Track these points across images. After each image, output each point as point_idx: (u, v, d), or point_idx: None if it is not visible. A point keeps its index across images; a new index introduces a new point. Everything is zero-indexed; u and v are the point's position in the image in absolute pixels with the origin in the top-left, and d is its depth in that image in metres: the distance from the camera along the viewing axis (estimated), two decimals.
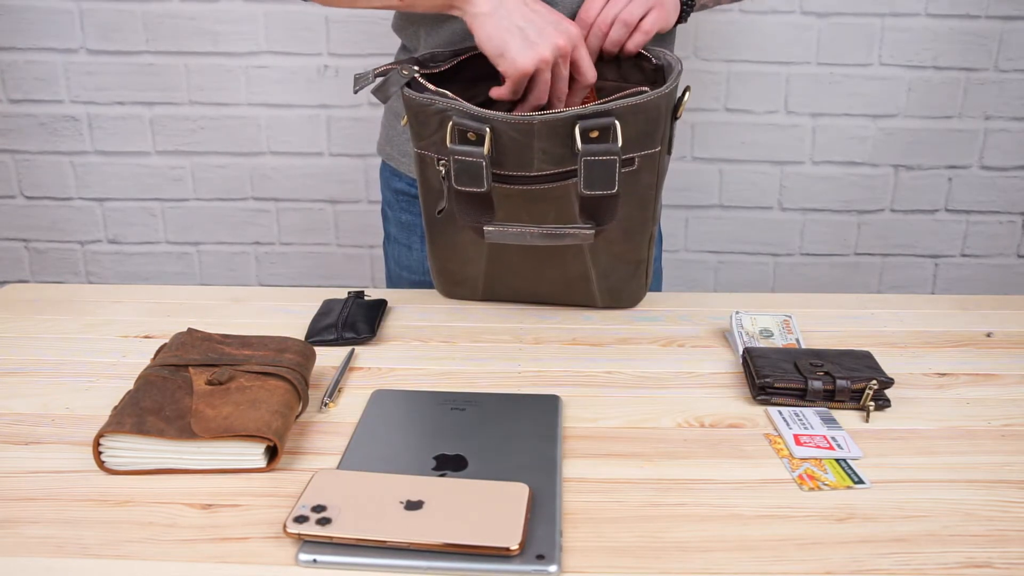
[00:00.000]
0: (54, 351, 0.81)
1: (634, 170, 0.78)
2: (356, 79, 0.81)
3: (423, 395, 0.71)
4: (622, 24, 0.84)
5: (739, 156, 1.80)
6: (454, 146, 0.76)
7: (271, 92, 1.77)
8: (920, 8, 1.69)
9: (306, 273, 1.92)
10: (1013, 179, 1.82)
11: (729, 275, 1.91)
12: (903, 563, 0.51)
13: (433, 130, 0.78)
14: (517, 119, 0.74)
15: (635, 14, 0.84)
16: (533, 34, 0.79)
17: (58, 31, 1.73)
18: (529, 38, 0.79)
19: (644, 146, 0.77)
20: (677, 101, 0.79)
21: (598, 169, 0.75)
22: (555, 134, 0.74)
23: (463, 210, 0.80)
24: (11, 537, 0.53)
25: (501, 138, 0.75)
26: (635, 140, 0.76)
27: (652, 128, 0.76)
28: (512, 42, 0.79)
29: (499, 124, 0.74)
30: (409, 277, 1.06)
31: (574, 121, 0.73)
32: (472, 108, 0.75)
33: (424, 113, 0.77)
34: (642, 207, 0.81)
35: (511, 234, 0.78)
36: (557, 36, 0.79)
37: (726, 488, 0.59)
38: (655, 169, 0.79)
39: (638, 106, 0.74)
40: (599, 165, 0.75)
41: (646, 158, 0.78)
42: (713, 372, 0.78)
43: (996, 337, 0.86)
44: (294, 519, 0.52)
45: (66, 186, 1.86)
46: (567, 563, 0.51)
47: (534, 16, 0.79)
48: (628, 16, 0.84)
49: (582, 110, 0.73)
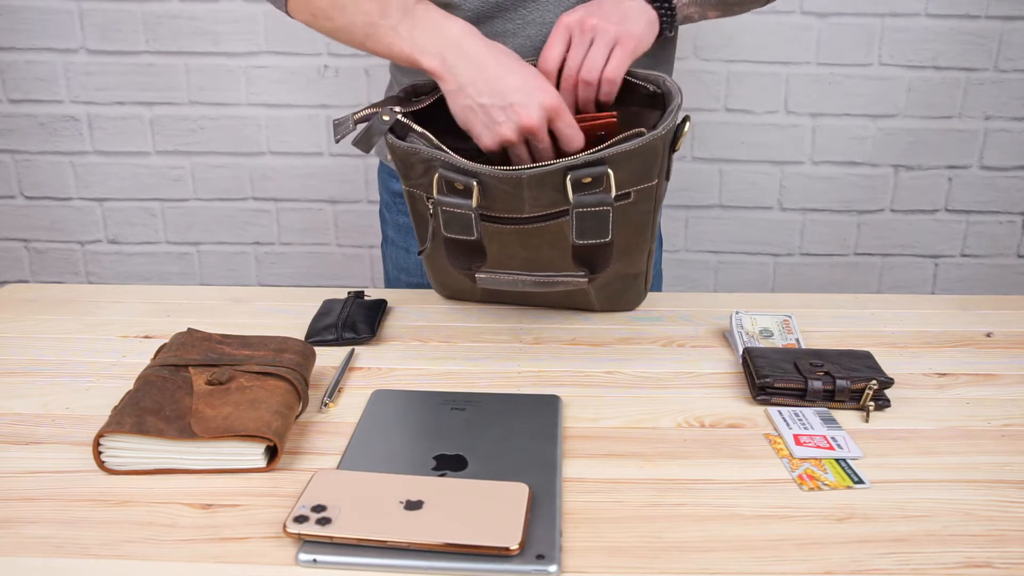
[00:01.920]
0: (54, 351, 0.81)
1: (630, 202, 0.75)
2: (335, 127, 0.78)
3: (423, 395, 0.71)
4: (584, 85, 0.79)
5: (739, 156, 1.80)
6: (441, 197, 0.73)
7: (271, 92, 1.77)
8: (920, 8, 1.69)
9: (306, 273, 1.92)
10: (1013, 179, 1.82)
11: (729, 275, 1.91)
12: (903, 563, 0.51)
13: (420, 174, 0.75)
14: (504, 174, 0.70)
15: (596, 65, 0.78)
16: (497, 113, 0.74)
17: (58, 31, 1.73)
18: (493, 118, 0.74)
19: (640, 181, 0.74)
20: (676, 133, 0.75)
21: (590, 219, 0.72)
22: (545, 184, 0.71)
23: (453, 256, 0.77)
24: (11, 537, 0.53)
25: (490, 188, 0.72)
26: (631, 178, 0.73)
27: (649, 166, 0.73)
28: (476, 122, 0.75)
29: (486, 177, 0.71)
30: (407, 280, 1.06)
31: (565, 172, 0.70)
32: (458, 161, 0.72)
33: (409, 160, 0.75)
34: (640, 231, 0.79)
35: (504, 281, 0.76)
36: (524, 114, 0.73)
37: (726, 488, 0.59)
38: (652, 198, 0.76)
39: (634, 150, 0.71)
40: (591, 216, 0.72)
41: (642, 190, 0.74)
42: (713, 372, 0.78)
43: (996, 337, 0.86)
44: (294, 519, 0.52)
45: (66, 186, 1.86)
46: (567, 563, 0.51)
47: (501, 90, 0.73)
48: (588, 74, 0.78)
49: (572, 161, 0.70)
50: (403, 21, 0.77)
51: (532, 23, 0.86)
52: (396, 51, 0.78)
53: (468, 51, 0.75)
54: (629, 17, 0.80)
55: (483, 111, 0.74)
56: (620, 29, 0.78)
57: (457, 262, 0.77)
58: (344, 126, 0.77)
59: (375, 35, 0.79)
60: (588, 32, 0.78)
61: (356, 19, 0.79)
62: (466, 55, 0.75)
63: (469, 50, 0.75)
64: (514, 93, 0.73)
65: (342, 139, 0.76)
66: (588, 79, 0.78)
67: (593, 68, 0.78)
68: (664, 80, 0.79)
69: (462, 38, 0.75)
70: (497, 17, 0.86)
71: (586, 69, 0.78)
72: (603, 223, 0.72)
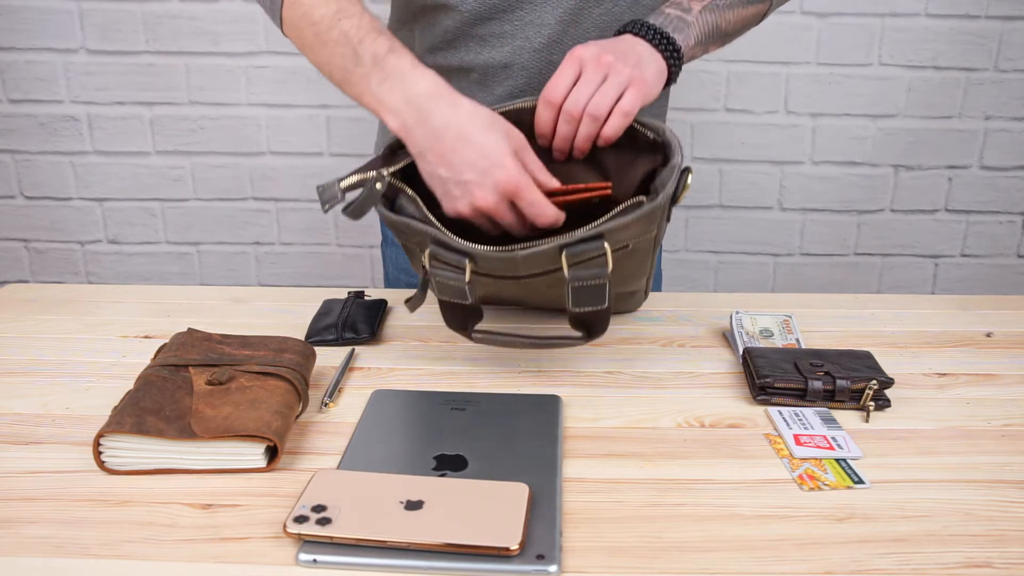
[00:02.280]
0: (54, 351, 0.81)
1: (629, 251, 0.72)
2: (321, 195, 0.73)
3: (423, 395, 0.71)
4: (590, 120, 0.74)
5: (739, 156, 1.80)
6: (434, 270, 0.71)
7: (271, 92, 1.77)
8: (920, 8, 1.69)
9: (306, 273, 1.92)
10: (1013, 179, 1.82)
11: (729, 275, 1.91)
12: (903, 563, 0.51)
13: (414, 238, 0.73)
14: (497, 255, 0.68)
15: (606, 102, 0.74)
16: (453, 188, 0.71)
17: (58, 31, 1.73)
18: (449, 192, 0.71)
19: (640, 235, 0.71)
20: (677, 187, 0.71)
21: (587, 291, 0.70)
22: (540, 259, 0.69)
23: (448, 315, 0.75)
24: (11, 537, 0.53)
25: (483, 261, 0.70)
26: (630, 235, 0.70)
27: (649, 224, 0.70)
28: (436, 190, 0.73)
29: (480, 255, 0.69)
30: (407, 280, 1.05)
31: (560, 248, 0.68)
32: (451, 240, 0.70)
33: (403, 230, 0.73)
34: (639, 267, 0.77)
35: (500, 340, 0.74)
36: (479, 195, 0.70)
37: (726, 488, 0.59)
38: (651, 241, 0.74)
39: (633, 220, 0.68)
40: (588, 288, 0.69)
41: (641, 240, 0.72)
42: (713, 372, 0.78)
43: (996, 337, 0.86)
44: (294, 519, 0.52)
45: (66, 186, 1.86)
46: (567, 563, 0.51)
47: (457, 165, 0.70)
48: (596, 109, 0.74)
49: (568, 239, 0.67)
50: (374, 71, 0.73)
51: (530, 24, 0.86)
52: (366, 102, 0.74)
53: (428, 116, 0.71)
54: (643, 62, 0.77)
55: (441, 183, 0.72)
56: (635, 73, 0.75)
57: (452, 322, 0.75)
58: (330, 192, 0.73)
59: (349, 80, 0.75)
60: (602, 68, 0.75)
61: (334, 60, 0.76)
62: (426, 120, 0.71)
63: (430, 115, 0.71)
64: (468, 170, 0.70)
65: (330, 209, 0.73)
66: (595, 114, 0.74)
67: (602, 104, 0.74)
68: (665, 131, 0.76)
69: (425, 100, 0.71)
70: (495, 19, 0.86)
71: (594, 104, 0.74)
72: (600, 293, 0.70)
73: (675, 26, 0.82)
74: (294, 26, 0.79)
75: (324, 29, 0.75)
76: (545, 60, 0.87)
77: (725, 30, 0.89)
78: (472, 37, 0.87)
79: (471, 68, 0.89)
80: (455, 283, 0.71)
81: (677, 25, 0.82)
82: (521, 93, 0.89)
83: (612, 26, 0.87)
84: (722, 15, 0.88)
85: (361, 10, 0.76)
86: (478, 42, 0.87)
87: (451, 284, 0.72)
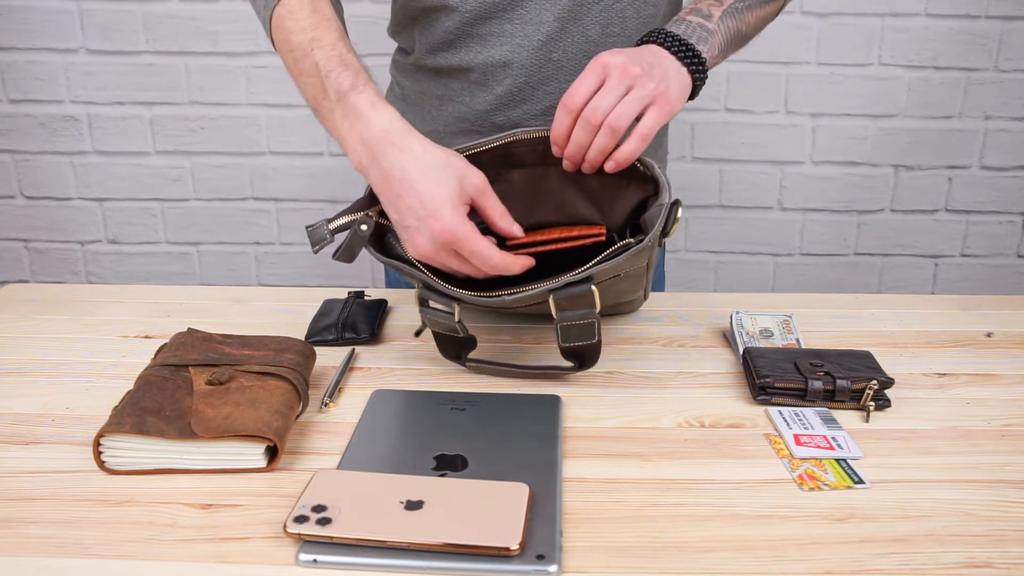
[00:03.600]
0: (54, 351, 0.81)
1: (621, 277, 0.72)
2: (311, 236, 0.73)
3: (423, 395, 0.71)
4: (608, 131, 0.72)
5: (739, 156, 1.80)
6: (425, 309, 0.73)
7: (271, 92, 1.77)
8: (920, 8, 1.69)
9: (306, 273, 1.92)
10: (1013, 179, 1.82)
11: (729, 275, 1.91)
12: (903, 563, 0.51)
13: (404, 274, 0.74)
14: (485, 301, 0.70)
15: (627, 115, 0.72)
16: (401, 231, 0.71)
17: (58, 31, 1.73)
18: (401, 236, 0.71)
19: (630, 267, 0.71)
20: (667, 223, 0.70)
21: (576, 329, 0.70)
22: (528, 301, 0.70)
23: (442, 346, 0.76)
24: (11, 537, 0.53)
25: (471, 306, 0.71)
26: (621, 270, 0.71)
27: (639, 259, 0.70)
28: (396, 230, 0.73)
29: (468, 300, 0.70)
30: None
31: (548, 292, 0.68)
32: (438, 285, 0.71)
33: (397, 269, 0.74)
34: (634, 282, 0.76)
35: (493, 370, 0.75)
36: (418, 241, 0.69)
37: (726, 488, 0.59)
38: (644, 268, 0.74)
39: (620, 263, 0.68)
40: (576, 327, 0.70)
41: (634, 269, 0.72)
42: (713, 372, 0.78)
43: (996, 337, 0.86)
44: (294, 519, 0.52)
45: (66, 186, 1.86)
46: (567, 563, 0.51)
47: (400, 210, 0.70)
48: (616, 121, 0.71)
49: (555, 284, 0.68)
50: (337, 107, 0.73)
51: (529, 22, 0.86)
52: (333, 136, 0.75)
53: (378, 158, 0.70)
54: (668, 76, 0.75)
55: (394, 223, 0.72)
56: (659, 89, 0.73)
57: (447, 352, 0.76)
58: (319, 233, 0.73)
59: (320, 111, 0.76)
60: (627, 79, 0.72)
61: (307, 90, 0.76)
62: (377, 162, 0.70)
63: (380, 157, 0.70)
64: (409, 216, 0.69)
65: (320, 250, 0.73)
66: (615, 125, 0.72)
67: (623, 115, 0.72)
68: (654, 168, 0.75)
69: (377, 142, 0.70)
70: (494, 18, 0.86)
71: (615, 116, 0.72)
72: (589, 330, 0.70)
73: (699, 36, 0.80)
74: (279, 48, 0.80)
75: (300, 57, 0.76)
76: (544, 58, 0.87)
77: (746, 33, 0.88)
78: (472, 36, 0.88)
79: (471, 67, 0.89)
80: (445, 320, 0.73)
81: (701, 35, 0.80)
82: (520, 91, 0.89)
83: (612, 23, 0.87)
84: (742, 18, 0.86)
85: (335, 40, 0.75)
86: (478, 41, 0.88)
87: (442, 321, 0.73)
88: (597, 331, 0.70)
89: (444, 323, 0.73)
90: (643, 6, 0.88)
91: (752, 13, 0.87)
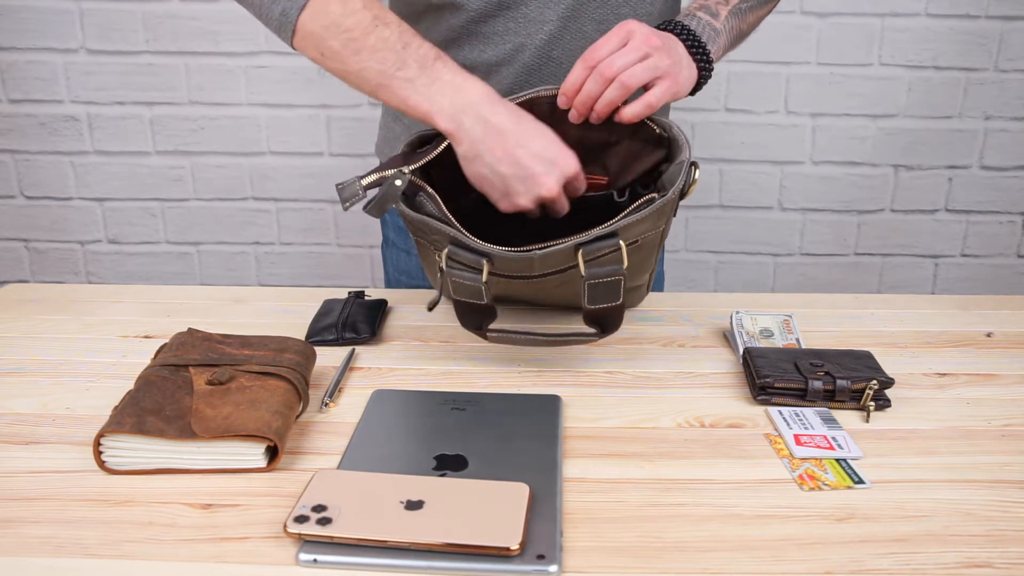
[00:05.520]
0: (54, 351, 0.81)
1: (638, 245, 0.74)
2: (341, 193, 0.75)
3: (423, 395, 0.71)
4: (620, 85, 0.76)
5: (739, 156, 1.80)
6: (451, 270, 0.73)
7: (271, 92, 1.77)
8: (920, 8, 1.69)
9: (306, 273, 1.92)
10: (1013, 179, 1.82)
11: (729, 275, 1.91)
12: (903, 563, 0.51)
13: (431, 236, 0.75)
14: (514, 255, 0.70)
15: (640, 77, 0.76)
16: (517, 184, 0.74)
17: (58, 31, 1.73)
18: (511, 188, 0.74)
19: (649, 230, 0.74)
20: (685, 183, 0.74)
21: (603, 288, 0.72)
22: (556, 258, 0.71)
23: (463, 315, 0.76)
24: (11, 537, 0.53)
25: (500, 260, 0.71)
26: (640, 231, 0.73)
27: (658, 220, 0.73)
28: (492, 190, 0.75)
29: (497, 256, 0.71)
30: (408, 282, 1.05)
31: (576, 247, 0.70)
32: (469, 240, 0.71)
33: (422, 228, 0.75)
34: (644, 260, 0.78)
35: (515, 339, 0.75)
36: (546, 185, 0.73)
37: (726, 488, 0.59)
38: (659, 236, 0.76)
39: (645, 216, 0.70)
40: (603, 285, 0.71)
41: (651, 235, 0.75)
42: (713, 372, 0.78)
43: (996, 337, 0.86)
44: (294, 519, 0.52)
45: (66, 186, 1.86)
46: (567, 563, 0.51)
47: (522, 160, 0.73)
48: (629, 79, 0.76)
49: (584, 238, 0.69)
50: (421, 75, 0.75)
51: (533, 21, 0.86)
52: (412, 105, 0.76)
53: (487, 116, 0.73)
54: (681, 62, 0.80)
55: (501, 180, 0.74)
56: (672, 67, 0.78)
57: (467, 321, 0.76)
58: (351, 190, 0.74)
59: (389, 86, 0.76)
60: (647, 47, 0.77)
61: (370, 66, 0.76)
62: (484, 121, 0.73)
63: (488, 116, 0.74)
64: (536, 163, 0.73)
65: (350, 207, 0.75)
66: (627, 82, 0.76)
67: (636, 76, 0.76)
68: (672, 127, 0.79)
69: (482, 102, 0.74)
70: (499, 16, 0.86)
71: (629, 73, 0.76)
72: (615, 290, 0.72)
73: (708, 35, 0.84)
74: (315, 36, 0.78)
75: (359, 35, 0.76)
76: (545, 56, 0.88)
77: (744, 32, 0.92)
78: (475, 35, 0.88)
79: (474, 66, 0.89)
80: (471, 283, 0.72)
81: (710, 34, 0.85)
82: (521, 89, 0.89)
83: (611, 22, 0.88)
84: (744, 18, 0.90)
85: (398, 18, 0.77)
86: (481, 40, 0.88)
87: (467, 284, 0.73)
88: (622, 291, 0.72)
89: (469, 286, 0.73)
90: (639, 3, 0.89)
91: (753, 13, 0.92)
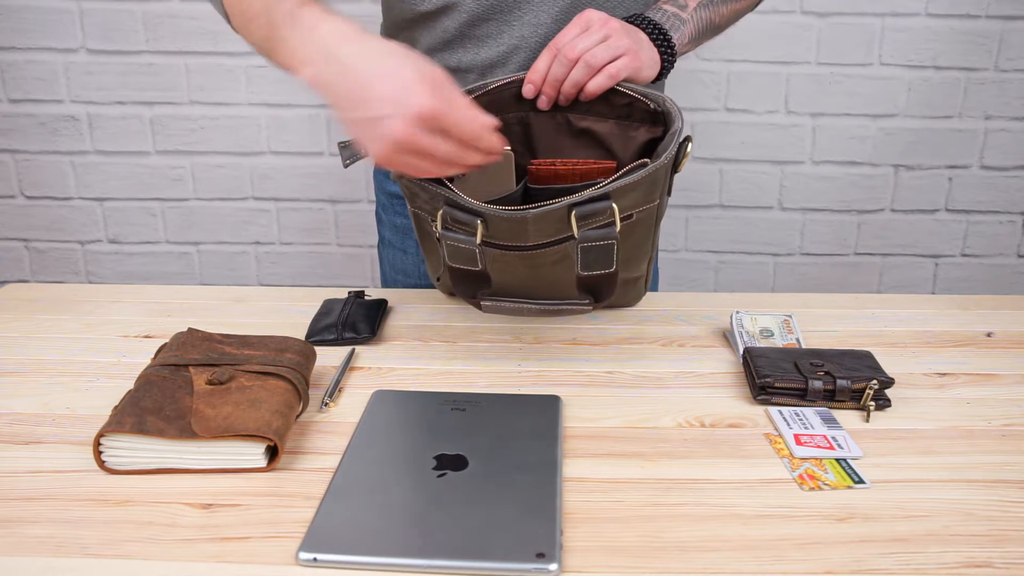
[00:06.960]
0: (54, 351, 0.81)
1: (632, 221, 0.75)
2: (342, 149, 0.73)
3: (423, 395, 0.71)
4: (584, 65, 0.78)
5: (739, 156, 1.80)
6: (446, 232, 0.73)
7: (271, 92, 1.77)
8: (920, 8, 1.69)
9: (306, 273, 1.92)
10: (1013, 179, 1.82)
11: (729, 275, 1.91)
12: (903, 563, 0.51)
13: (425, 200, 0.75)
14: (509, 215, 0.70)
15: (599, 57, 0.78)
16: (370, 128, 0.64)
17: (58, 31, 1.73)
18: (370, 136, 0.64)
19: (643, 204, 0.74)
20: (677, 156, 0.75)
21: (596, 252, 0.72)
22: (550, 219, 0.71)
23: (458, 284, 0.77)
24: (11, 537, 0.53)
25: (494, 222, 0.71)
26: (634, 203, 0.73)
27: (651, 190, 0.73)
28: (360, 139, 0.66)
29: (491, 215, 0.70)
30: (404, 281, 1.05)
31: (569, 209, 0.70)
32: (462, 199, 0.71)
33: (415, 189, 0.75)
34: (641, 244, 0.79)
35: (508, 308, 0.76)
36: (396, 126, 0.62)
37: (726, 488, 0.59)
38: (654, 215, 0.77)
39: (638, 181, 0.71)
40: (597, 249, 0.72)
41: (645, 211, 0.75)
42: (713, 372, 0.78)
43: (996, 337, 0.86)
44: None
45: (66, 186, 1.86)
46: (567, 563, 0.51)
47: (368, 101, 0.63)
48: (591, 58, 0.78)
49: (578, 198, 0.70)
50: (285, 26, 0.69)
51: (526, 24, 0.87)
52: (284, 63, 0.70)
53: (338, 57, 0.65)
54: (641, 46, 0.82)
55: (357, 127, 0.65)
56: (632, 47, 0.80)
57: (462, 290, 0.77)
58: (352, 149, 0.73)
59: (274, 50, 0.71)
60: (606, 30, 0.80)
61: (257, 32, 0.73)
62: (336, 63, 0.65)
63: (340, 56, 0.65)
64: (382, 105, 0.63)
65: (352, 163, 0.73)
66: (590, 63, 0.78)
67: (597, 56, 0.78)
68: (664, 100, 0.80)
69: (333, 43, 0.66)
70: (492, 19, 0.87)
71: (591, 54, 0.78)
72: (608, 255, 0.73)
73: (672, 24, 0.87)
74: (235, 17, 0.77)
75: (247, 7, 0.73)
76: None
77: (718, 24, 0.94)
78: (471, 38, 0.88)
79: (469, 68, 0.90)
80: (466, 246, 0.73)
81: (674, 23, 0.87)
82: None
83: None
84: (716, 10, 0.93)
85: None
86: (476, 42, 0.88)
87: (462, 248, 0.73)
88: (615, 257, 0.72)
89: (464, 251, 0.73)
90: (634, 7, 0.91)
91: (727, 6, 0.94)
